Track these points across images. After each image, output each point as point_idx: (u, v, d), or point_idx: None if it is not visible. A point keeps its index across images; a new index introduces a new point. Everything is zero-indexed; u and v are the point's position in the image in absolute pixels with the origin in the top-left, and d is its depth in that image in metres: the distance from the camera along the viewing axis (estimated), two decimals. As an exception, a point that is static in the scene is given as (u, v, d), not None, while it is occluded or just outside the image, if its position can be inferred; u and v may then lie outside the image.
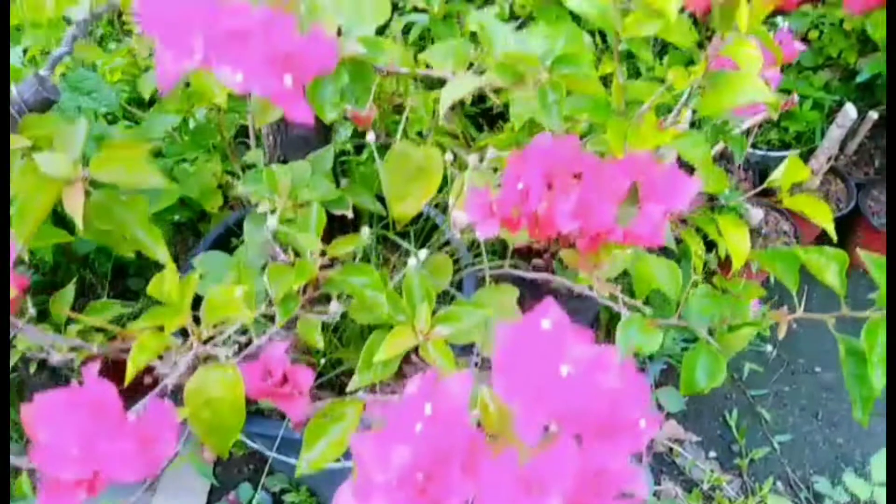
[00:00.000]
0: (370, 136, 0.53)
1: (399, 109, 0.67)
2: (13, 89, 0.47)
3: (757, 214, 1.14)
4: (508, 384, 0.25)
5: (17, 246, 0.34)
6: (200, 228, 0.85)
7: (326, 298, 0.47)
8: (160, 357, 0.46)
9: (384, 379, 0.48)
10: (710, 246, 0.89)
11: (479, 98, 1.09)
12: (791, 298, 0.62)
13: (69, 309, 0.53)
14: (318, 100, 0.47)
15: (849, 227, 1.21)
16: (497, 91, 0.55)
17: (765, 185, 0.75)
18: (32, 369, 0.71)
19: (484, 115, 1.14)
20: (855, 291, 0.57)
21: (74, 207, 0.36)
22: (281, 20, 0.28)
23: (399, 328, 0.41)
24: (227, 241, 0.75)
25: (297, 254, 0.45)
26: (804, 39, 1.27)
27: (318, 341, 0.44)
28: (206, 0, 0.27)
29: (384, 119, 0.66)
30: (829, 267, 0.58)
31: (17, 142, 0.40)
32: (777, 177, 0.74)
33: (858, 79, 1.20)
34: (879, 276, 0.55)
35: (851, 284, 0.57)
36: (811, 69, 1.30)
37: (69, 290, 0.56)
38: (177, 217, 0.74)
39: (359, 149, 0.76)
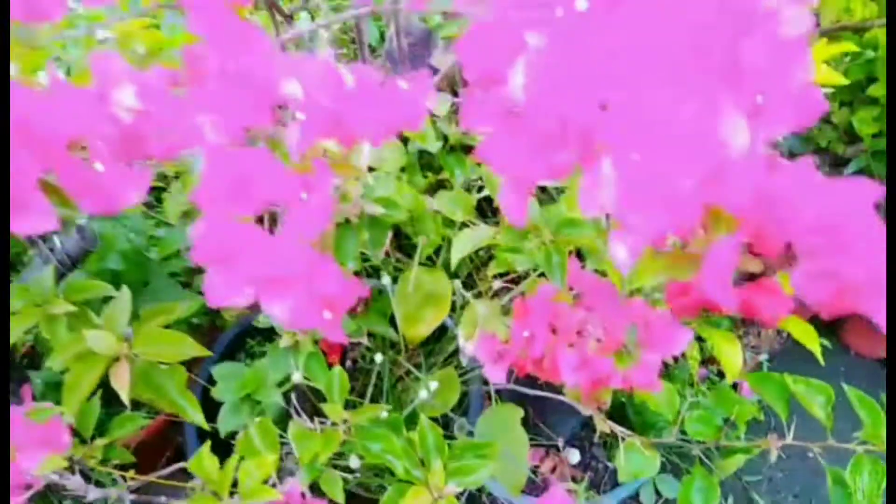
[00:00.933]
0: (385, 280, 0.57)
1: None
2: (55, 240, 0.51)
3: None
4: None
5: (66, 419, 0.37)
6: (216, 322, 0.88)
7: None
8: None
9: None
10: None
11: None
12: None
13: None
14: (340, 254, 0.51)
15: (838, 320, 1.25)
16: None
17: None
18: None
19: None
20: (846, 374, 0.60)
21: (122, 383, 0.40)
22: (323, 265, 0.31)
23: (415, 489, 0.44)
24: (244, 341, 0.78)
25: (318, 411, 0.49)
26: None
27: (340, 496, 0.47)
28: (257, 244, 0.31)
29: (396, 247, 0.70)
30: (815, 399, 0.61)
31: (60, 306, 0.43)
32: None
33: (846, 171, 1.25)
34: (865, 414, 0.58)
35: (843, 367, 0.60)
36: (801, 155, 1.35)
37: (94, 404, 0.59)
38: (195, 320, 0.77)
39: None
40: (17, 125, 0.30)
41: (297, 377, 0.50)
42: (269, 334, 0.73)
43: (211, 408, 0.61)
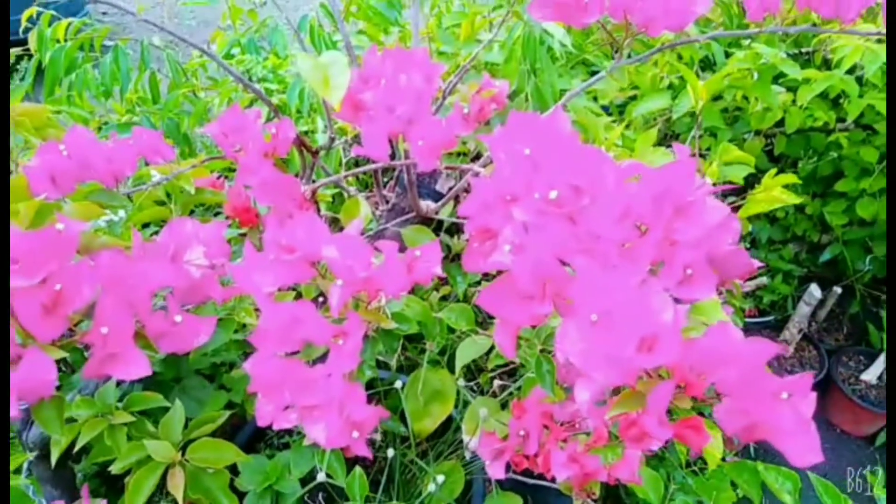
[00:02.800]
0: (398, 383, 0.65)
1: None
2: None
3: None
4: None
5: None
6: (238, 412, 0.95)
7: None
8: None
9: None
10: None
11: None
12: None
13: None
14: (359, 368, 0.59)
15: (823, 393, 1.31)
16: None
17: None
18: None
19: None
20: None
21: (178, 488, 0.47)
22: (353, 395, 0.39)
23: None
24: (264, 432, 0.84)
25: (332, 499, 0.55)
26: (772, 218, 1.42)
27: None
28: (300, 378, 0.39)
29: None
30: (783, 486, 0.67)
31: (122, 417, 0.51)
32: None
33: (821, 259, 1.35)
34: (829, 501, 0.64)
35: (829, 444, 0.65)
36: (780, 243, 1.45)
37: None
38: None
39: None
40: (113, 284, 0.39)
41: (321, 477, 0.56)
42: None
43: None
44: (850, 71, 1.00)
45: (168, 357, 0.76)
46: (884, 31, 0.49)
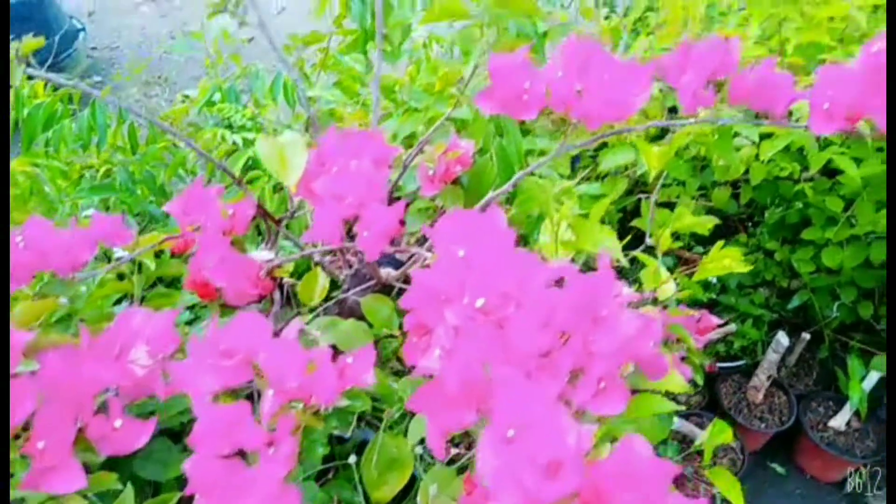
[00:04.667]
0: (352, 459, 0.66)
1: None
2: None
3: (702, 434, 1.26)
4: None
5: None
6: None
7: None
8: None
9: None
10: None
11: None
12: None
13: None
14: (310, 453, 0.60)
15: (792, 440, 1.33)
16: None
17: (691, 450, 0.87)
18: None
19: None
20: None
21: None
22: (287, 496, 0.41)
23: None
24: None
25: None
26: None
27: None
28: (237, 479, 0.41)
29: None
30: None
31: (74, 502, 0.52)
32: (702, 440, 0.86)
33: (790, 306, 1.37)
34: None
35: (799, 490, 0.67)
36: (751, 287, 1.47)
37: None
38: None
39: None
40: (56, 390, 0.40)
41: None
42: None
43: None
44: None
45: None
46: (804, 124, 0.52)
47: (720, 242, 0.76)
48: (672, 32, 1.19)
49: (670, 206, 1.33)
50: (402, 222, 0.58)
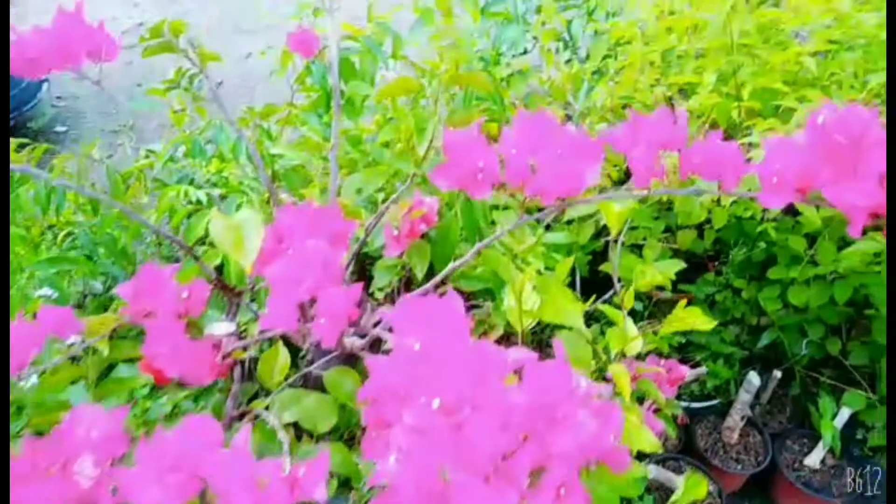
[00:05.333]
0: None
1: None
2: None
3: (679, 481, 1.25)
4: None
5: None
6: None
7: None
8: None
9: None
10: None
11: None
12: None
13: None
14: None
15: (768, 480, 1.33)
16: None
17: (670, 502, 0.86)
18: None
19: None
20: None
21: None
22: None
23: None
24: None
25: None
26: (711, 302, 1.46)
27: None
28: None
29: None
30: None
31: None
32: (678, 496, 0.86)
33: (759, 344, 1.38)
34: None
35: None
36: (720, 325, 1.48)
37: None
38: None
39: None
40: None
41: None
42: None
43: None
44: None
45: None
46: (753, 193, 0.53)
47: (683, 301, 0.77)
48: (630, 80, 1.21)
49: (638, 247, 1.34)
50: (361, 303, 0.57)
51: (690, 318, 0.75)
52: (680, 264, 1.12)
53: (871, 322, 1.24)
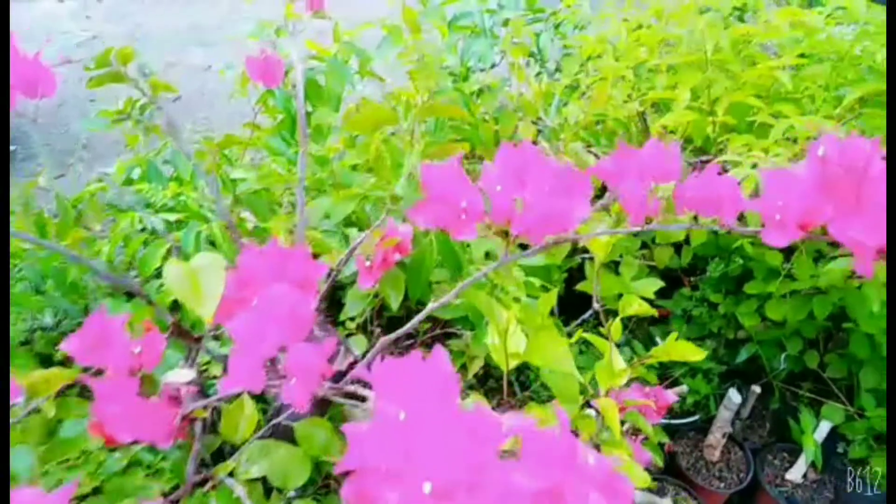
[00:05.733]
0: None
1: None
2: None
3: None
4: None
5: None
6: None
7: None
8: None
9: None
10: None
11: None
12: None
13: None
14: None
15: (751, 496, 1.31)
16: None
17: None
18: None
19: None
20: None
21: None
22: None
23: None
24: None
25: None
26: (688, 317, 1.44)
27: None
28: None
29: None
30: None
31: None
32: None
33: (738, 359, 1.36)
34: None
35: None
36: (698, 339, 1.46)
37: None
38: None
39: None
40: None
41: None
42: None
43: None
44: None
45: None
46: (754, 229, 0.50)
47: (674, 335, 0.74)
48: (603, 95, 1.19)
49: (615, 263, 1.32)
50: (335, 356, 0.52)
51: (679, 350, 0.72)
52: (658, 283, 1.10)
53: (848, 335, 1.23)
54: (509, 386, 1.18)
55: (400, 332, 0.62)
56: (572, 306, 1.22)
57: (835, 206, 0.47)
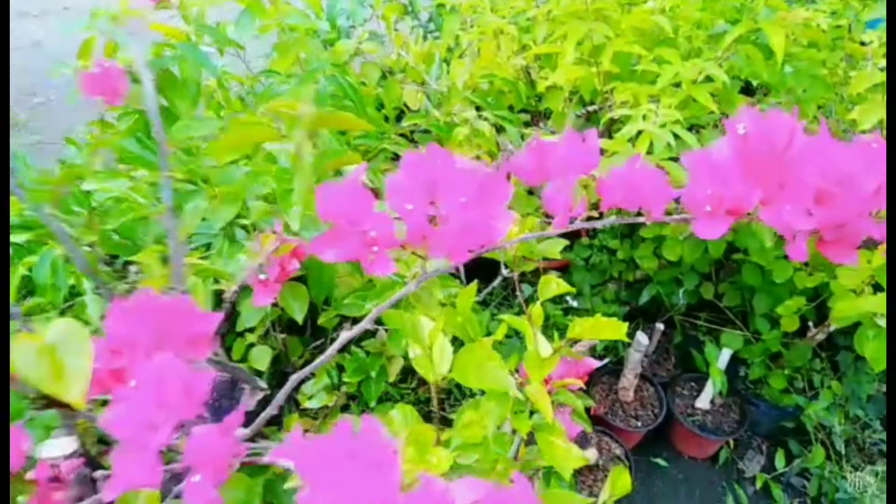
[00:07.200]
0: None
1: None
2: None
3: (593, 454, 1.25)
4: None
5: None
6: None
7: None
8: None
9: None
10: None
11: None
12: None
13: None
14: None
15: (666, 427, 1.37)
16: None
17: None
18: None
19: None
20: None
21: None
22: None
23: None
24: None
25: None
26: (590, 266, 1.46)
27: None
28: None
29: None
30: None
31: None
32: (606, 496, 0.83)
33: (640, 301, 1.40)
34: None
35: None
36: (600, 285, 1.49)
37: None
38: None
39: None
40: None
41: None
42: None
43: None
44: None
45: None
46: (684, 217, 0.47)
47: (598, 315, 0.71)
48: (489, 54, 1.13)
49: (515, 224, 1.29)
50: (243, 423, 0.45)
51: (601, 328, 0.70)
52: (562, 242, 1.09)
53: (739, 265, 1.29)
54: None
55: (310, 368, 0.55)
56: (477, 270, 1.19)
57: (763, 190, 0.45)
